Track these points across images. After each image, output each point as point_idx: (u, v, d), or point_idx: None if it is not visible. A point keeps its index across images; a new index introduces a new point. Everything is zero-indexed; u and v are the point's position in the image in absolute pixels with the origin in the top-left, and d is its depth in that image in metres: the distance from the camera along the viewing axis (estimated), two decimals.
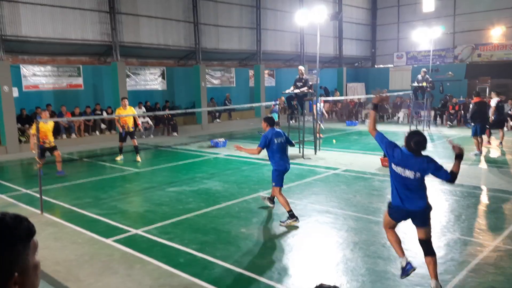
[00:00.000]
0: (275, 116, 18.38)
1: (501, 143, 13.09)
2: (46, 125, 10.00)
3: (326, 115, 20.45)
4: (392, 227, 4.39)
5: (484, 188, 8.35)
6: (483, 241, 5.51)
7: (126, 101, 11.84)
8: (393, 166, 4.17)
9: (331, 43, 27.33)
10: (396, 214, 4.25)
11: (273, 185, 6.60)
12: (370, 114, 4.55)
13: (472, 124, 11.76)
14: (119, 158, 12.13)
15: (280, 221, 6.33)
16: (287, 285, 4.45)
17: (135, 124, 12.04)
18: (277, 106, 15.58)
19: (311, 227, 6.23)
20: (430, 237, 4.18)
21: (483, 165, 10.55)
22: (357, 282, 4.44)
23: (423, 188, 4.13)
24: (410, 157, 4.07)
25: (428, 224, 4.16)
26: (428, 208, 4.14)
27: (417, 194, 4.11)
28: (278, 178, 6.50)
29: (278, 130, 6.67)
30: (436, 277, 4.09)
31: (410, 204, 4.10)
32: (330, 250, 5.37)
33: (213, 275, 4.66)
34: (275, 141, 6.44)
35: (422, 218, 4.14)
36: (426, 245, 4.16)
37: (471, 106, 12.00)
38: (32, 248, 1.11)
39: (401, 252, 4.30)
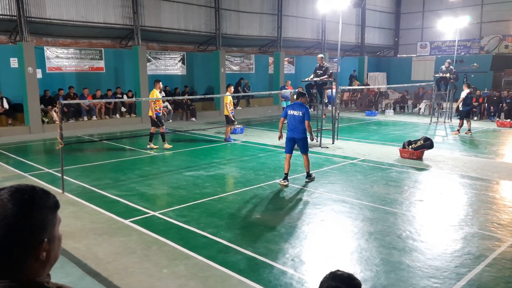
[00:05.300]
0: (284, 104, 18.68)
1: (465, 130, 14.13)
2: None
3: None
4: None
5: (504, 182, 8.18)
6: (501, 236, 5.43)
7: (161, 84, 11.50)
8: None
9: (353, 31, 26.85)
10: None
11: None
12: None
13: None
14: (155, 145, 11.43)
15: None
16: (301, 271, 4.49)
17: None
18: (287, 92, 15.84)
19: (327, 215, 6.24)
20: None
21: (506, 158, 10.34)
22: (371, 271, 4.45)
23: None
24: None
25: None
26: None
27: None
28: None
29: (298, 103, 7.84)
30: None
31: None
32: (345, 239, 5.38)
33: (228, 259, 4.74)
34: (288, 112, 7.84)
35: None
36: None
37: None
38: (58, 220, 1.20)
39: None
